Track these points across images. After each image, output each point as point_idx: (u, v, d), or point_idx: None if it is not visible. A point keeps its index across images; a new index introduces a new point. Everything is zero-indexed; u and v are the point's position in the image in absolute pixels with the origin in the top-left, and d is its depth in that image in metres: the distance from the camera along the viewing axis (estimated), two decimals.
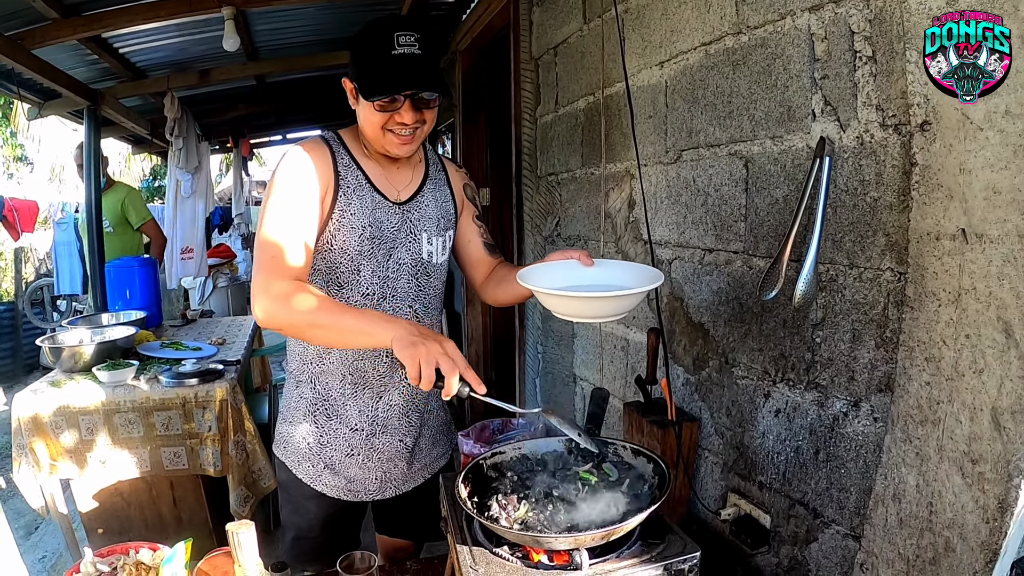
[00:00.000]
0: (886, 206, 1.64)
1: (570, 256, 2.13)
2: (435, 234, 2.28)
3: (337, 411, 2.28)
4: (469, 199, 2.45)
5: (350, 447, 2.29)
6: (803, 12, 1.84)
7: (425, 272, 2.28)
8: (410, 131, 2.06)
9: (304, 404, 2.30)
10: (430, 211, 2.28)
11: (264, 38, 5.94)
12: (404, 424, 2.34)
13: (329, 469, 2.30)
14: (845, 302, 1.78)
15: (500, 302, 2.43)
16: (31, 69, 4.80)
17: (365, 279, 2.17)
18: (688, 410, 2.50)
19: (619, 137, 2.90)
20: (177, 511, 3.97)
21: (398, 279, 2.22)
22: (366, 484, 2.34)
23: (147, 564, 2.06)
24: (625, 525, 1.56)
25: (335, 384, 2.27)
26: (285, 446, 2.36)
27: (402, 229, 2.21)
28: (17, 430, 3.51)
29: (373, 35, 1.99)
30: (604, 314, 2.01)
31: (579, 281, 2.07)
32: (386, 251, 2.18)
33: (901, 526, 1.63)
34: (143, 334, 4.56)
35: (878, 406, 1.71)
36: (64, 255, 10.73)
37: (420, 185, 2.29)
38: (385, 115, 2.02)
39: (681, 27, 2.39)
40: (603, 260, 2.13)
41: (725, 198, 2.23)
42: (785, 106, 1.93)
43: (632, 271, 2.07)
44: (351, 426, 2.28)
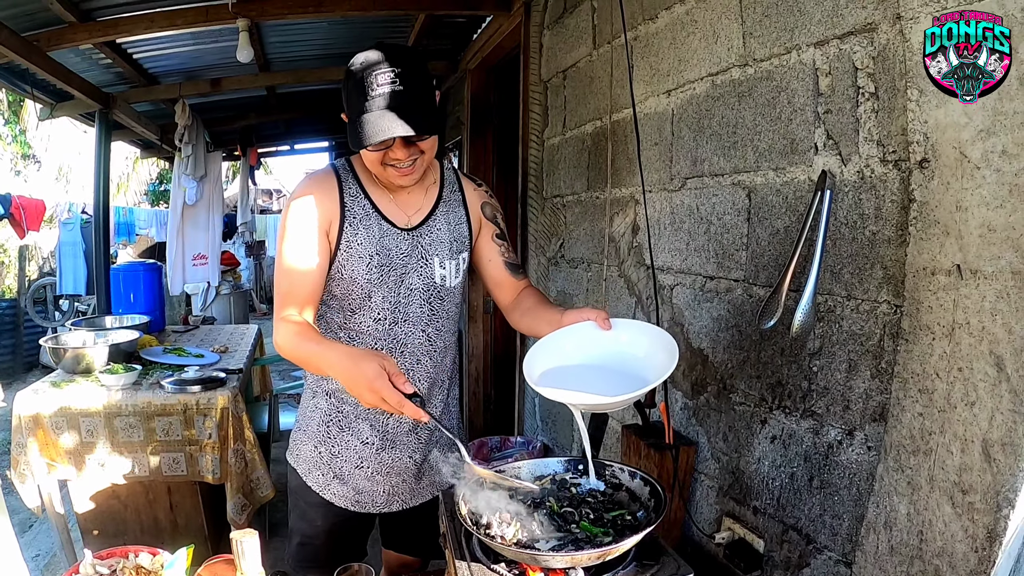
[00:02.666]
0: (884, 240, 1.67)
1: (587, 318, 2.01)
2: (447, 257, 2.27)
3: (349, 424, 2.31)
4: (488, 218, 2.41)
5: (359, 459, 2.31)
6: (808, 47, 1.87)
7: (438, 296, 2.28)
8: (408, 164, 2.05)
9: (319, 415, 2.33)
10: (442, 235, 2.27)
11: (276, 50, 5.98)
12: (412, 440, 2.35)
13: (338, 479, 2.32)
14: (842, 332, 1.81)
15: (528, 333, 2.38)
16: (45, 71, 4.81)
17: (376, 304, 2.20)
18: (686, 434, 2.52)
19: (625, 162, 2.93)
20: (173, 516, 3.97)
21: (409, 304, 2.23)
22: (373, 496, 2.36)
23: (147, 568, 2.07)
24: (621, 545, 1.57)
25: (349, 399, 2.29)
26: (297, 453, 2.39)
27: (412, 255, 2.22)
28: (17, 428, 3.54)
29: (352, 78, 1.99)
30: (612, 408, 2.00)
31: (593, 350, 1.98)
32: (397, 277, 2.20)
33: (892, 553, 1.65)
34: (146, 339, 4.59)
35: (872, 435, 1.73)
36: (68, 255, 10.78)
37: (432, 209, 2.28)
38: (379, 153, 2.03)
39: (689, 57, 2.43)
40: (619, 321, 2.00)
41: (727, 227, 2.26)
42: (788, 138, 1.96)
43: (648, 339, 1.98)
44: (362, 439, 2.31)
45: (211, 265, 7.94)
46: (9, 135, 15.60)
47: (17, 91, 5.90)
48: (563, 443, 3.78)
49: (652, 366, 1.87)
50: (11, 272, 12.56)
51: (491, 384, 5.99)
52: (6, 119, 15.26)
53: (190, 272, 7.82)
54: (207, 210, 7.84)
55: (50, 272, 12.36)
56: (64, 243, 10.85)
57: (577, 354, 2.00)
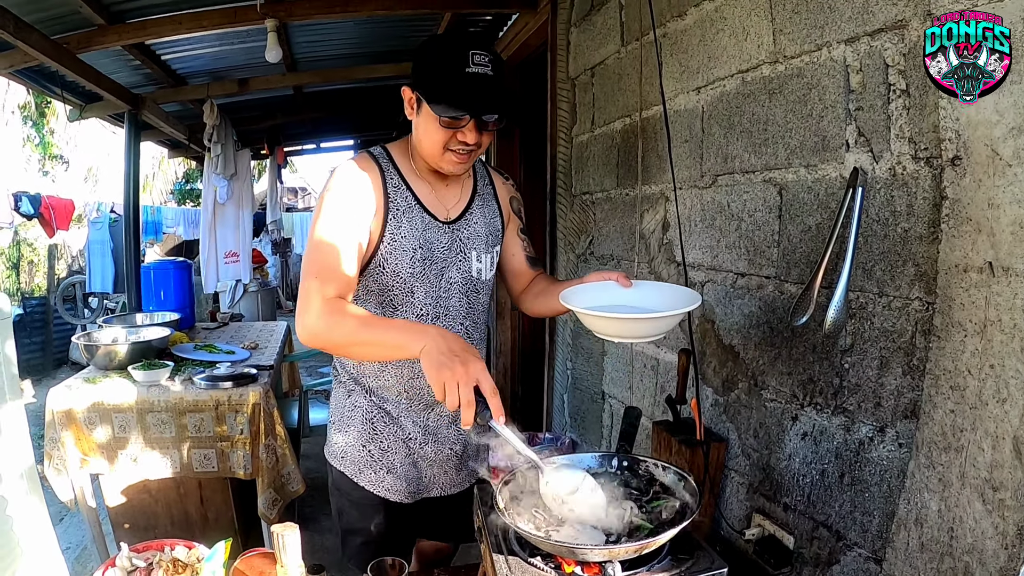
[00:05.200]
0: (916, 237, 1.67)
1: (608, 278, 2.14)
2: (484, 251, 2.30)
3: (392, 419, 2.32)
4: (515, 212, 2.46)
5: (407, 451, 2.34)
6: (839, 44, 1.87)
7: (475, 289, 2.30)
8: (468, 150, 2.06)
9: (359, 413, 2.32)
10: (479, 228, 2.29)
11: (303, 50, 6.01)
12: (453, 433, 2.38)
13: (391, 474, 2.32)
14: (874, 330, 1.80)
15: (537, 313, 2.46)
16: (76, 72, 4.87)
17: (419, 300, 2.19)
18: (716, 430, 2.53)
19: (655, 159, 2.93)
20: (204, 510, 4.02)
21: (449, 298, 2.24)
22: (420, 484, 2.39)
23: (183, 562, 2.08)
24: (659, 539, 1.57)
25: (391, 397, 2.30)
26: (343, 456, 2.36)
27: (452, 248, 2.22)
28: (51, 423, 3.58)
29: (447, 48, 1.98)
30: (644, 335, 2.04)
31: (617, 302, 2.09)
32: (437, 271, 2.20)
33: (922, 550, 1.65)
34: (177, 335, 4.63)
35: (903, 432, 1.73)
36: (97, 253, 10.88)
37: (469, 202, 2.30)
38: (448, 132, 2.01)
39: (719, 54, 2.43)
40: (640, 281, 2.15)
41: (759, 224, 2.26)
42: (820, 136, 1.96)
43: (669, 292, 2.10)
44: (405, 434, 2.33)
45: (243, 262, 8.00)
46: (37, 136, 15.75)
47: (48, 93, 5.98)
48: (592, 440, 3.79)
49: (677, 307, 1.92)
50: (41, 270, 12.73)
51: (518, 380, 5.99)
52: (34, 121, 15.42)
53: (223, 270, 7.88)
54: (237, 208, 7.89)
55: (79, 270, 12.53)
56: (93, 242, 10.96)
57: (606, 301, 2.08)
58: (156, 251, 12.95)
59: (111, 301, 11.10)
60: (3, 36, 3.91)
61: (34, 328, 10.71)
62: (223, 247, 7.84)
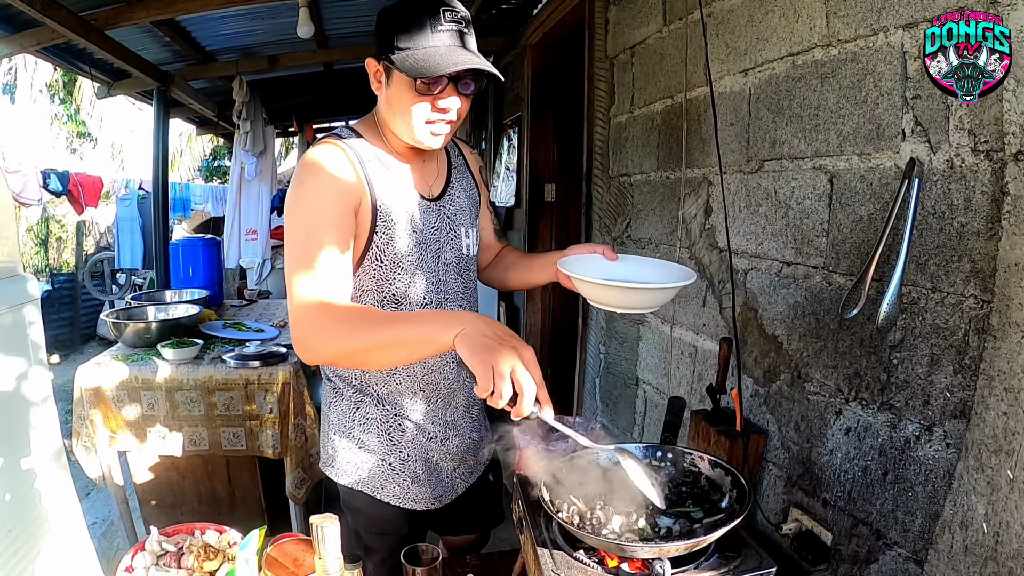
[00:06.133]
0: (973, 232, 1.62)
1: (594, 250, 2.11)
2: (470, 226, 2.20)
3: (410, 424, 2.17)
4: (484, 182, 2.36)
5: (427, 455, 2.21)
6: (896, 29, 1.81)
7: (468, 268, 2.20)
8: (447, 119, 1.90)
9: (374, 425, 2.16)
10: (462, 203, 2.18)
11: (335, 26, 5.96)
12: (469, 421, 2.31)
13: (416, 483, 2.19)
14: (925, 325, 1.76)
15: (506, 286, 2.40)
16: (104, 49, 4.89)
17: (420, 289, 2.04)
18: (755, 422, 2.49)
19: (697, 142, 2.88)
20: (231, 488, 4.04)
21: (448, 281, 2.12)
22: (443, 487, 2.27)
23: (214, 547, 2.06)
24: (710, 537, 1.55)
25: (406, 401, 2.16)
26: (358, 474, 2.18)
27: (441, 227, 2.10)
28: (79, 401, 3.59)
29: (415, 7, 1.81)
30: (646, 305, 1.99)
31: (610, 275, 2.01)
32: (434, 254, 2.07)
33: (966, 553, 1.62)
34: (206, 313, 4.62)
35: (951, 432, 1.69)
36: (126, 230, 11.07)
37: (448, 177, 2.18)
38: (423, 100, 1.85)
39: (768, 36, 2.37)
40: (627, 256, 2.15)
41: (807, 212, 2.21)
42: (874, 123, 1.91)
43: (659, 268, 2.11)
44: (427, 436, 2.19)
45: (260, 240, 8.00)
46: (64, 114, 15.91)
47: (75, 71, 6.00)
48: (623, 425, 3.77)
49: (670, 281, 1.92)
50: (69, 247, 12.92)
51: (548, 363, 5.97)
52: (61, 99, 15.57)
53: (244, 247, 7.91)
54: (258, 186, 7.91)
55: (107, 247, 12.72)
56: (121, 218, 11.14)
57: (596, 274, 1.99)
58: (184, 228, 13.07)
59: (139, 277, 11.24)
60: (30, 13, 3.91)
61: (62, 304, 10.90)
62: (246, 224, 7.87)
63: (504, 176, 6.78)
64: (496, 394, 1.40)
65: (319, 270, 1.76)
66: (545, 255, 2.20)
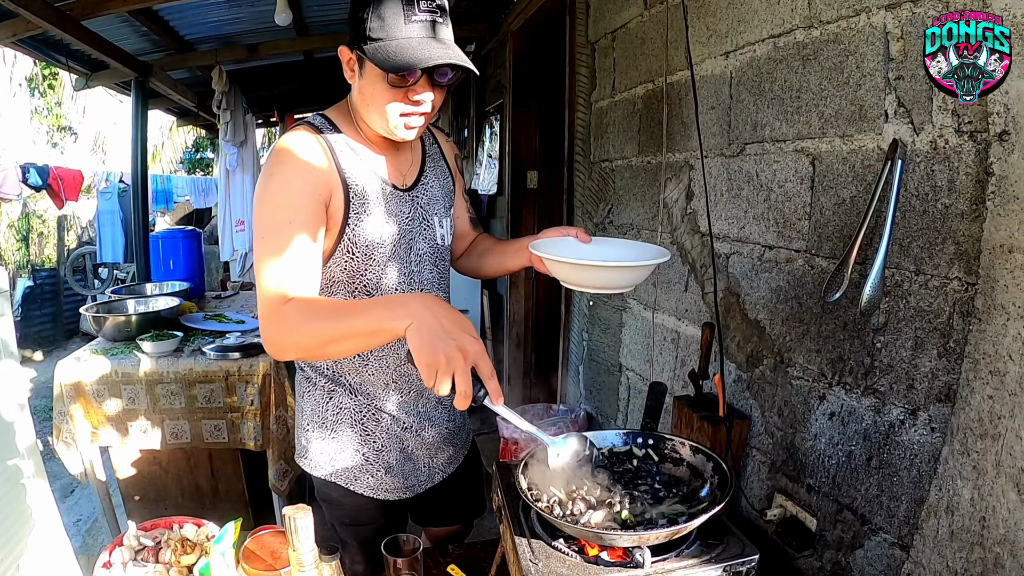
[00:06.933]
0: (957, 214, 1.60)
1: (567, 233, 2.09)
2: (444, 216, 2.17)
3: (385, 415, 2.16)
4: (460, 171, 2.33)
5: (403, 444, 2.20)
6: (879, 10, 1.79)
7: (442, 258, 2.18)
8: (421, 111, 1.85)
9: (347, 415, 2.15)
10: (436, 192, 2.15)
11: (314, 13, 5.90)
12: (442, 411, 2.28)
13: (389, 473, 2.18)
14: (909, 309, 1.75)
15: (480, 274, 2.38)
16: (80, 40, 4.83)
17: (392, 280, 2.02)
18: (738, 407, 2.48)
19: (679, 127, 2.86)
20: (214, 482, 4.02)
21: (422, 271, 2.10)
22: (418, 477, 2.25)
23: (192, 540, 2.05)
24: (690, 525, 1.54)
25: (378, 392, 2.14)
26: (331, 465, 2.17)
27: (415, 217, 2.07)
28: (59, 397, 3.54)
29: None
30: (617, 284, 1.98)
31: (584, 257, 1.97)
32: (406, 244, 2.05)
33: (952, 539, 1.61)
34: (187, 305, 4.60)
35: (936, 416, 1.68)
36: (107, 224, 11.07)
37: (421, 166, 2.15)
38: (396, 92, 1.81)
39: (749, 18, 2.35)
40: (600, 238, 2.13)
41: (789, 195, 2.19)
42: (857, 105, 1.89)
43: (633, 249, 2.09)
44: (401, 426, 2.18)
45: (247, 231, 7.97)
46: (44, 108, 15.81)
47: (52, 62, 5.95)
48: (607, 413, 3.77)
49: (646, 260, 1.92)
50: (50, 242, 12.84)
51: (531, 349, 5.97)
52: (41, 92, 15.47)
53: (236, 238, 7.88)
54: (241, 177, 7.87)
55: (89, 241, 12.69)
56: (102, 212, 11.13)
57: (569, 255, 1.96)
58: (167, 220, 13.01)
59: (121, 271, 11.21)
60: (5, 4, 3.85)
61: (44, 300, 10.82)
62: (234, 215, 7.84)
63: (486, 164, 6.75)
64: (438, 389, 1.40)
65: (285, 264, 1.74)
66: (519, 240, 2.18)
